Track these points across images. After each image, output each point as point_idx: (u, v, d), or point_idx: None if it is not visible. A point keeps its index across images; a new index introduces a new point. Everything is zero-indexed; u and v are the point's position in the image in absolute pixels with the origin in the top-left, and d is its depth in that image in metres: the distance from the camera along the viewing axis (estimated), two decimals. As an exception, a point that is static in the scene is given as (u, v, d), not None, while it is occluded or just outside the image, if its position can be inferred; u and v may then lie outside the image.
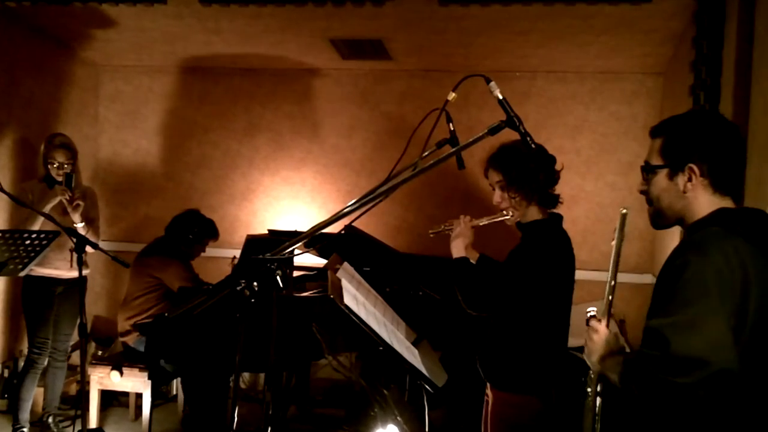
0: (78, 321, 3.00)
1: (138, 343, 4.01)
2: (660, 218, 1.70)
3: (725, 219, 1.57)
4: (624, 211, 1.74)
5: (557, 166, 2.44)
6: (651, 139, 1.71)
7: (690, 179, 1.60)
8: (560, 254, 2.38)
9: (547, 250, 2.34)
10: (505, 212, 2.42)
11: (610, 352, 1.68)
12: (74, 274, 3.97)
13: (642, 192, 1.73)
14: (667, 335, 1.43)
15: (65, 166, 3.93)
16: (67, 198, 3.80)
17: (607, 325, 1.74)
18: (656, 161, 1.67)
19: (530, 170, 2.35)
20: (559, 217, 2.47)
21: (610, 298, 1.77)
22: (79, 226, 3.84)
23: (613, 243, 1.76)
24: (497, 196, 2.43)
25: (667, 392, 1.43)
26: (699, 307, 1.43)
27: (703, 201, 1.61)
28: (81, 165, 5.30)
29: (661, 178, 1.66)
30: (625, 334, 4.53)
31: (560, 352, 2.43)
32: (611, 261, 1.77)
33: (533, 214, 2.42)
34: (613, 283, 1.77)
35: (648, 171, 1.69)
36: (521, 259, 2.36)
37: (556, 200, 2.45)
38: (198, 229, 4.26)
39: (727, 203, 1.61)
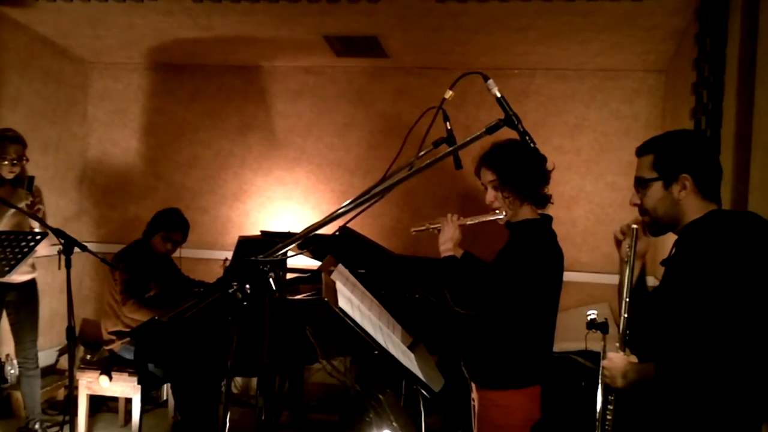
0: (68, 324, 2.91)
1: (123, 350, 3.96)
2: (657, 226, 1.88)
3: (719, 221, 1.76)
4: (635, 226, 1.91)
5: (549, 166, 2.44)
6: (639, 157, 1.89)
7: (684, 188, 1.79)
8: (548, 255, 2.39)
9: (536, 250, 2.36)
10: (497, 212, 2.43)
11: (629, 369, 1.81)
12: (26, 277, 3.86)
13: (635, 205, 1.91)
14: (704, 329, 1.61)
15: (15, 162, 3.76)
16: (29, 203, 3.67)
17: (623, 348, 1.88)
18: (650, 175, 1.84)
19: (524, 170, 2.37)
20: (549, 218, 2.48)
21: (626, 315, 1.89)
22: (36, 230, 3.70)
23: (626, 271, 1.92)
24: (490, 195, 2.44)
25: (710, 380, 1.60)
26: (733, 300, 1.61)
27: (695, 206, 1.80)
28: (69, 164, 5.30)
29: (656, 190, 1.83)
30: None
31: (546, 351, 2.46)
32: (625, 286, 1.90)
33: (524, 213, 2.44)
34: (627, 299, 1.90)
35: (642, 185, 1.86)
36: (510, 257, 2.38)
37: (547, 200, 2.46)
38: (161, 218, 4.10)
39: (713, 207, 1.81)
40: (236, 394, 4.93)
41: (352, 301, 2.32)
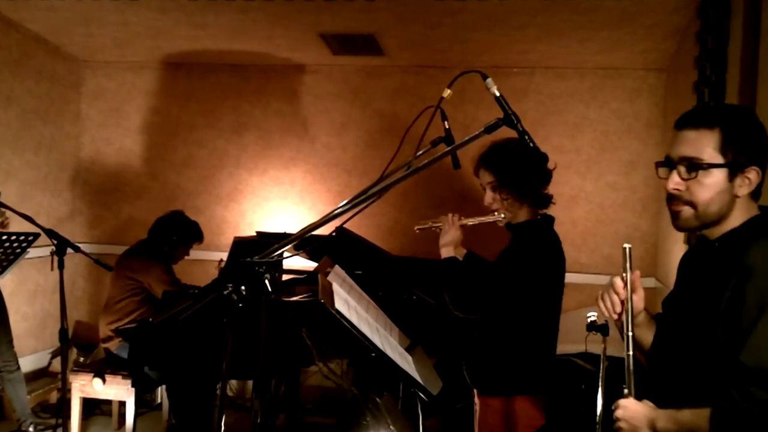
0: (61, 326, 2.86)
1: (120, 349, 3.94)
2: (697, 222, 1.51)
3: (762, 227, 1.47)
4: (627, 246, 1.61)
5: (550, 165, 2.36)
6: (688, 129, 1.50)
7: (747, 183, 1.46)
8: (550, 257, 2.35)
9: (537, 253, 2.32)
10: (496, 213, 2.39)
11: (655, 417, 1.50)
12: None
13: (676, 190, 1.51)
14: None
15: None
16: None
17: (631, 392, 1.57)
18: (712, 158, 1.46)
19: (523, 171, 2.31)
20: (551, 219, 2.44)
21: (630, 353, 1.58)
22: None
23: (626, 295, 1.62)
24: (488, 197, 2.40)
25: None
26: None
27: (743, 207, 1.49)
28: (62, 164, 5.26)
29: (717, 180, 1.46)
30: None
31: (549, 357, 2.41)
32: (627, 318, 1.60)
33: (524, 215, 2.40)
34: (630, 333, 1.58)
35: (697, 167, 1.47)
36: (510, 261, 2.33)
37: (548, 201, 2.41)
38: (182, 231, 4.17)
39: (754, 210, 1.50)
40: (231, 396, 4.89)
41: (348, 302, 2.29)
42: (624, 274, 1.61)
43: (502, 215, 2.37)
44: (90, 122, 5.49)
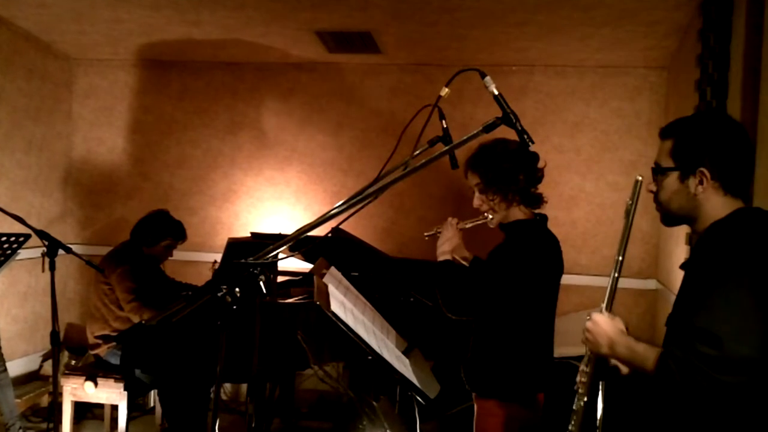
0: (52, 329, 2.89)
1: (109, 355, 3.90)
2: (669, 219, 1.78)
3: (745, 219, 1.63)
4: (639, 178, 1.74)
5: (541, 164, 2.40)
6: (661, 140, 1.75)
7: (701, 182, 1.65)
8: (543, 255, 2.35)
9: (528, 251, 2.32)
10: (485, 215, 2.41)
11: (616, 341, 1.68)
12: None
13: (651, 192, 1.77)
14: (721, 335, 1.46)
15: None
16: None
17: (609, 309, 1.75)
18: (666, 163, 1.71)
19: (508, 171, 2.33)
20: (544, 218, 2.44)
21: (616, 275, 1.79)
22: None
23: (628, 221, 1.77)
24: (476, 199, 2.42)
25: (716, 390, 1.47)
26: (745, 307, 1.48)
27: (716, 203, 1.66)
28: (53, 163, 5.22)
29: (671, 181, 1.70)
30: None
31: (545, 358, 2.41)
32: (622, 233, 1.77)
33: (515, 214, 2.40)
34: (620, 258, 1.78)
35: (658, 173, 1.73)
36: (501, 260, 2.34)
37: (539, 200, 2.42)
38: (159, 227, 4.04)
39: (739, 204, 1.66)
40: (225, 400, 4.86)
41: (344, 304, 2.33)
42: (630, 202, 1.75)
43: (491, 216, 2.39)
44: (82, 121, 5.45)
